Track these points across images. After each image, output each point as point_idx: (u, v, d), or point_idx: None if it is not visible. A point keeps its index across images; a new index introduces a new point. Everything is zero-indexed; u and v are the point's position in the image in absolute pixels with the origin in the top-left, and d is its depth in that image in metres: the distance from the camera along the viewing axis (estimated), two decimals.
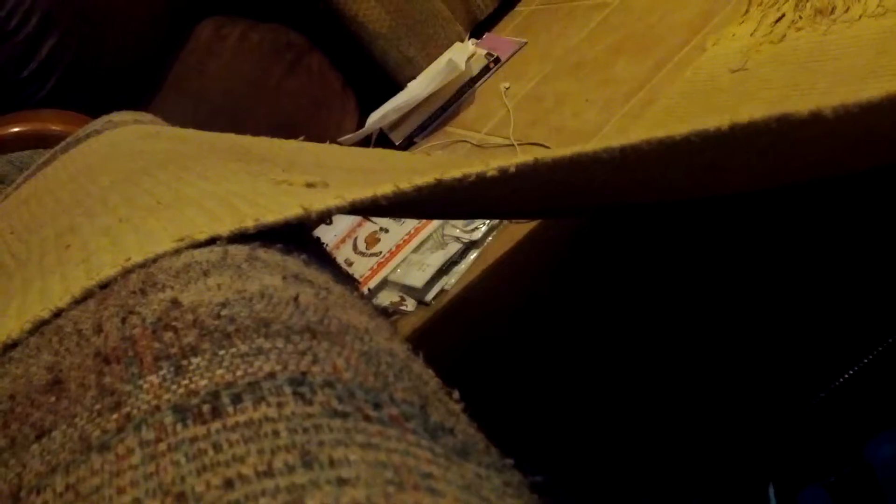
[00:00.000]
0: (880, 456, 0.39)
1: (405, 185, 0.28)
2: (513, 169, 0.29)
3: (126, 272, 0.25)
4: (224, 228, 0.26)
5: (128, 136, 0.62)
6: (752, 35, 0.80)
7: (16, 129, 0.87)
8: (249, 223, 0.27)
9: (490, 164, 0.29)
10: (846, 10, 0.71)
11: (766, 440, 0.44)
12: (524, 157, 0.29)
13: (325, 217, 0.28)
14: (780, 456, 0.42)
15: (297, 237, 0.30)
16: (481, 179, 0.29)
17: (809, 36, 0.73)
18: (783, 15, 0.78)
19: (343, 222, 1.06)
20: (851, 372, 0.43)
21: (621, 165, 0.31)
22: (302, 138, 0.86)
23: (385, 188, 0.28)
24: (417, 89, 1.22)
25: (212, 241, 0.26)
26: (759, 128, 0.28)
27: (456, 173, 0.29)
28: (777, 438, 0.43)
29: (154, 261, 0.25)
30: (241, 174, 0.38)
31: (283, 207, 0.28)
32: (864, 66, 0.63)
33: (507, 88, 1.14)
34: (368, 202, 0.28)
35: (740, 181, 0.45)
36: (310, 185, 0.33)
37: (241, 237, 0.27)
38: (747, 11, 0.85)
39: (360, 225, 1.04)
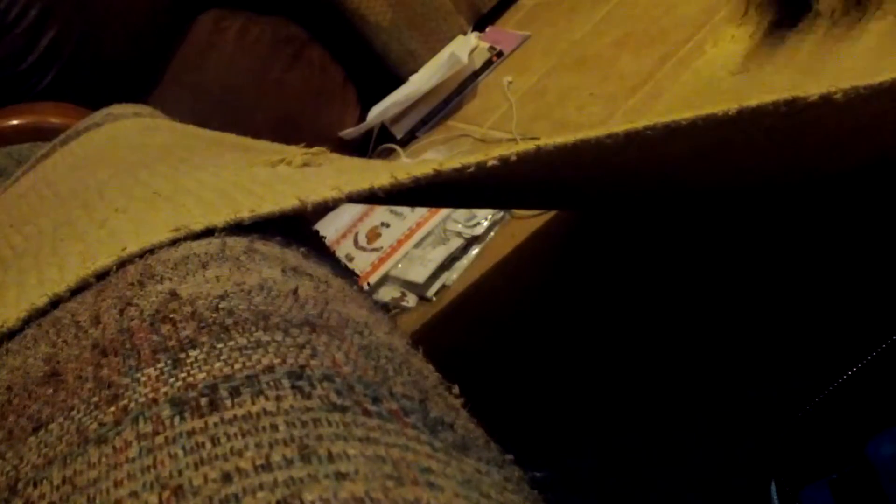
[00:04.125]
0: (882, 454, 0.39)
1: (402, 177, 0.28)
2: (514, 158, 0.29)
3: (123, 262, 0.25)
4: (220, 219, 0.26)
5: (127, 129, 0.62)
6: (751, 37, 0.80)
7: (14, 122, 0.86)
8: (245, 214, 0.26)
9: (490, 154, 0.29)
10: (847, 14, 0.71)
11: (768, 438, 0.44)
12: (525, 144, 0.29)
13: (322, 207, 0.27)
14: (782, 453, 0.42)
15: (295, 229, 0.30)
16: (481, 169, 0.29)
17: (810, 39, 0.73)
18: (783, 17, 0.78)
19: (344, 217, 1.05)
20: (853, 370, 0.43)
21: (626, 151, 0.31)
22: (303, 145, 0.86)
23: (382, 179, 0.28)
24: (419, 83, 1.22)
25: (208, 232, 0.26)
26: (768, 111, 0.28)
27: (455, 164, 0.29)
28: (779, 436, 0.43)
29: (151, 251, 0.25)
30: (240, 162, 0.38)
31: (279, 198, 0.27)
32: (865, 70, 0.63)
33: (509, 82, 1.14)
34: (366, 193, 0.28)
35: (744, 170, 0.44)
36: (306, 165, 0.33)
37: (239, 228, 0.27)
38: (746, 13, 0.84)
39: (360, 220, 1.03)
